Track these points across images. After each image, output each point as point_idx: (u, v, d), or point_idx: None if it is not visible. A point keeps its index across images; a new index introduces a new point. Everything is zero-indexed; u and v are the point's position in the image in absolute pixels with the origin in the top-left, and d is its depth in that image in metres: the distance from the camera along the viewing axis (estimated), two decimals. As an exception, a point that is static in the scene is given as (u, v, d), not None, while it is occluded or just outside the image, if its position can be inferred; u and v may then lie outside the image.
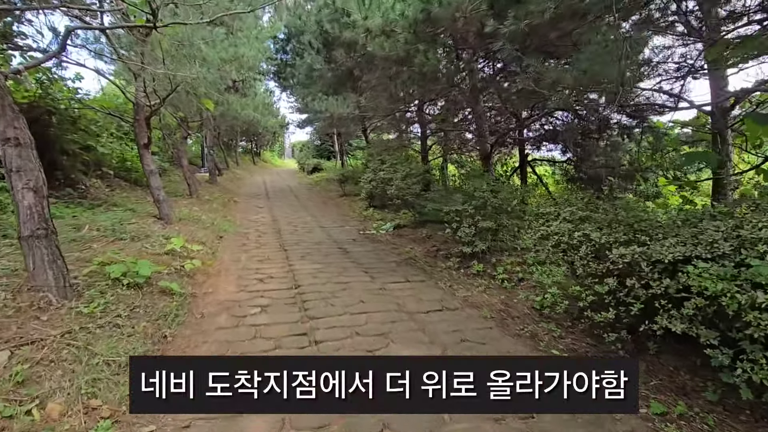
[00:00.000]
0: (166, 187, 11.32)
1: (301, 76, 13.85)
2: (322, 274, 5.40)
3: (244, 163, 27.25)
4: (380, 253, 6.71)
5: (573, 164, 9.31)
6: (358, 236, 8.13)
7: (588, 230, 3.08)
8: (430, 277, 5.39)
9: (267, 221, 9.66)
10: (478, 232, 5.47)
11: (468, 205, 5.59)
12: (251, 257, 6.27)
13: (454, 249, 6.03)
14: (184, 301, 3.94)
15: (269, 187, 17.61)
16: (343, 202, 12.99)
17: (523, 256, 5.41)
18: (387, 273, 5.56)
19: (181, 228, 6.78)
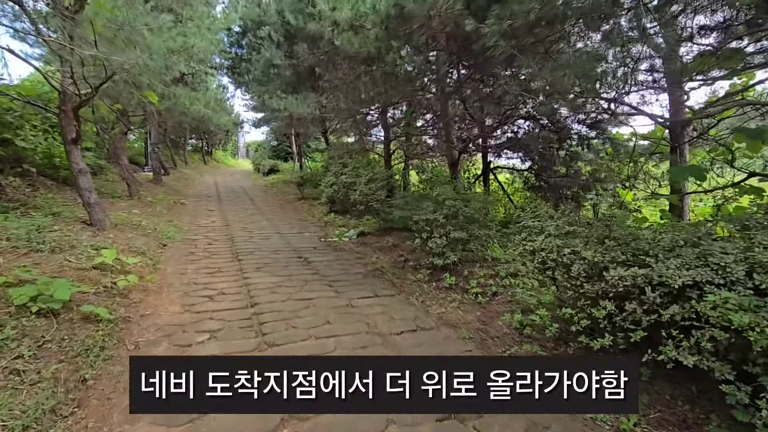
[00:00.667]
0: (101, 187, 10.19)
1: (257, 72, 13.10)
2: (282, 289, 4.87)
3: (193, 162, 25.59)
4: (344, 264, 6.27)
5: (534, 173, 9.40)
6: (319, 244, 7.62)
7: (578, 247, 2.86)
8: (399, 290, 5.03)
9: (219, 226, 8.88)
10: (449, 242, 5.19)
11: (439, 214, 5.30)
12: (200, 269, 5.60)
13: (423, 260, 5.72)
14: (114, 329, 3.28)
15: (221, 189, 16.53)
16: (302, 206, 12.38)
17: (495, 267, 5.21)
18: (353, 286, 5.13)
19: (116, 236, 5.94)
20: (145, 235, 6.66)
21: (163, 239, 6.93)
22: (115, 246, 5.34)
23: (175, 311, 4.03)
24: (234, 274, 5.44)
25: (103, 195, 9.43)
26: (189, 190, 15.09)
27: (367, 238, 7.81)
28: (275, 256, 6.57)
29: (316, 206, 11.80)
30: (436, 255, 5.21)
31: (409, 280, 5.35)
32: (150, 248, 6.06)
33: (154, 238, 6.79)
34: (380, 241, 7.45)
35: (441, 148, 8.74)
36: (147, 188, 12.13)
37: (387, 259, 6.42)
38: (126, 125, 9.58)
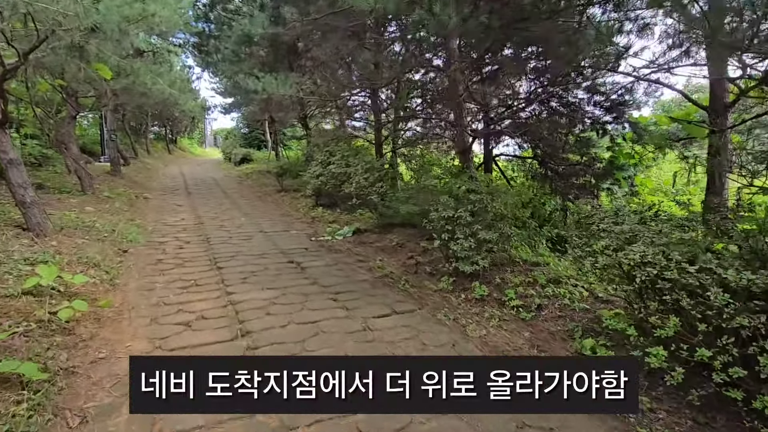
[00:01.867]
0: (48, 181, 8.74)
1: (228, 50, 11.77)
2: (278, 308, 3.92)
3: (156, 151, 23.63)
4: (345, 269, 5.35)
5: (539, 160, 8.73)
6: (310, 244, 6.65)
7: (708, 262, 2.09)
8: (421, 304, 4.18)
9: (190, 225, 7.72)
10: (477, 244, 4.38)
11: (464, 210, 4.47)
12: (171, 282, 4.54)
13: (442, 264, 4.90)
14: (47, 394, 2.26)
15: (189, 180, 15.07)
16: (283, 198, 11.27)
17: (530, 273, 4.45)
18: (363, 300, 4.24)
19: (61, 243, 4.76)
20: (100, 240, 5.48)
21: (123, 243, 5.77)
22: (59, 258, 4.21)
23: (140, 349, 3.02)
24: (214, 288, 4.42)
25: (49, 190, 8.07)
26: (152, 183, 13.60)
27: (365, 236, 6.90)
28: (262, 261, 5.56)
29: (299, 199, 10.74)
30: (462, 259, 4.38)
31: (429, 290, 4.51)
32: (106, 257, 4.92)
33: (112, 242, 5.62)
34: (381, 239, 6.55)
35: (451, 134, 7.84)
36: (104, 181, 10.66)
37: (395, 263, 5.55)
38: (74, 107, 8.17)
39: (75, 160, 8.16)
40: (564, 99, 7.62)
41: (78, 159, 8.28)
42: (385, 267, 5.33)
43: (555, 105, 7.91)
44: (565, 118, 8.00)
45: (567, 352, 3.15)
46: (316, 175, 9.04)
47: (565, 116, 7.81)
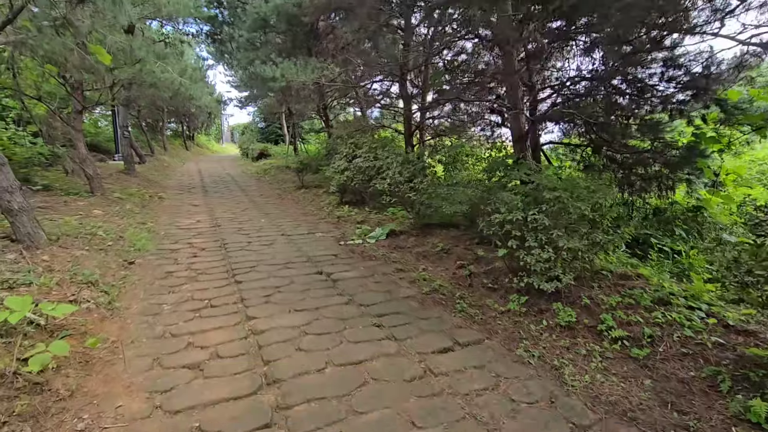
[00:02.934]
0: (55, 182, 8.17)
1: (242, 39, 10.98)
2: (311, 340, 3.11)
3: (174, 148, 23.26)
4: (383, 281, 4.51)
5: (593, 148, 7.67)
6: (339, 249, 5.84)
7: None
8: (488, 331, 3.30)
9: (206, 228, 7.00)
10: (557, 255, 3.47)
11: (537, 211, 3.55)
12: (180, 303, 3.79)
13: (504, 278, 4.01)
14: None
15: (207, 178, 14.49)
16: (304, 196, 10.49)
17: (626, 289, 3.51)
18: (414, 325, 3.39)
19: (54, 257, 4.06)
20: (103, 250, 4.78)
21: (129, 253, 5.07)
22: (47, 278, 3.49)
23: (134, 411, 2.25)
24: (232, 311, 3.64)
25: (56, 192, 7.47)
26: (168, 181, 13.04)
27: (401, 239, 6.03)
28: (286, 272, 4.78)
29: (321, 196, 9.94)
30: (537, 274, 3.48)
31: (494, 312, 3.63)
32: (107, 272, 4.20)
33: (117, 252, 4.92)
34: (421, 243, 5.68)
35: (503, 118, 6.86)
36: (116, 180, 10.10)
37: (442, 274, 4.68)
38: (80, 101, 7.51)
39: (83, 159, 7.53)
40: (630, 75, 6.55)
41: (84, 158, 7.66)
42: (430, 279, 4.47)
43: (617, 82, 6.85)
44: (627, 98, 6.95)
45: (721, 416, 2.24)
46: (340, 170, 8.21)
47: (629, 96, 6.76)
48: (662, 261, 4.87)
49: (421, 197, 5.84)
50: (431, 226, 6.14)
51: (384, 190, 6.45)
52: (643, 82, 6.47)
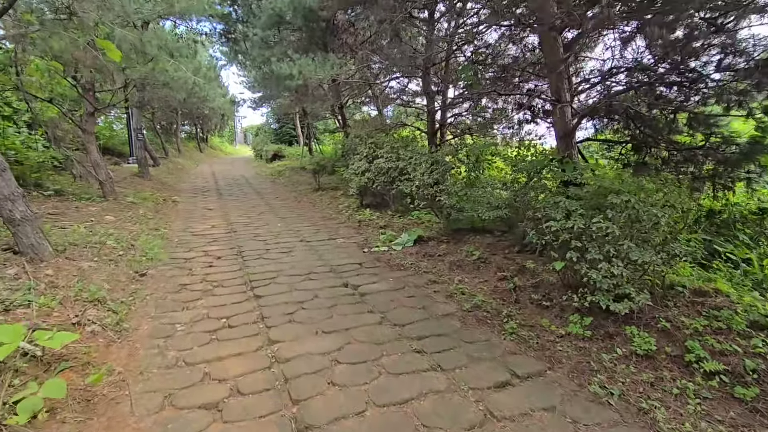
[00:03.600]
0: (68, 187, 7.93)
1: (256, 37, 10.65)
2: (344, 371, 2.68)
3: (188, 150, 23.19)
4: (417, 295, 4.06)
5: (634, 145, 7.10)
6: (363, 257, 5.41)
7: None
8: (550, 361, 2.83)
9: (221, 234, 6.65)
10: (628, 268, 2.97)
11: (601, 218, 3.06)
12: (195, 323, 3.40)
13: (558, 294, 3.52)
14: None
15: (221, 180, 14.24)
16: (321, 198, 10.11)
17: (702, 307, 3.00)
18: (461, 351, 2.94)
19: (59, 270, 3.72)
20: (113, 261, 4.43)
21: (141, 263, 4.72)
22: (49, 296, 3.14)
23: (140, 470, 1.85)
24: (252, 332, 3.24)
25: (68, 197, 7.21)
26: (182, 184, 12.81)
27: (430, 245, 5.57)
28: (309, 284, 4.36)
29: (339, 198, 9.55)
30: (603, 292, 2.98)
31: (552, 335, 3.14)
32: (117, 286, 3.85)
33: (128, 263, 4.58)
34: (453, 251, 5.21)
35: (546, 112, 6.33)
36: (130, 184, 9.87)
37: (480, 285, 4.20)
38: (92, 103, 7.24)
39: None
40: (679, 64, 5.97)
41: (97, 162, 7.39)
42: (471, 293, 4.00)
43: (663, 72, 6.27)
44: (674, 90, 6.37)
45: None
46: (360, 171, 7.79)
47: (678, 87, 6.18)
48: (731, 271, 4.31)
49: (451, 200, 5.37)
50: (462, 232, 5.67)
51: (411, 192, 5.99)
52: (695, 71, 5.89)
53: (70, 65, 4.99)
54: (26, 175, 7.61)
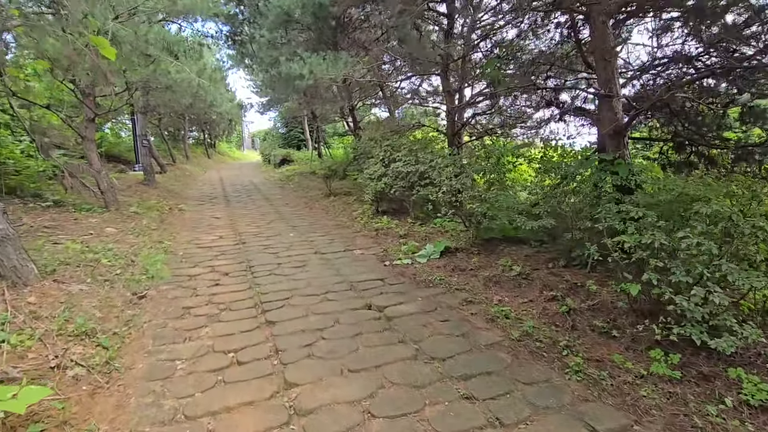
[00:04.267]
0: (69, 197, 7.52)
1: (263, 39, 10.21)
2: (380, 427, 2.15)
3: (195, 156, 22.91)
4: (453, 319, 3.51)
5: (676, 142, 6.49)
6: (385, 271, 4.88)
7: None
8: (635, 412, 2.26)
9: (229, 246, 6.17)
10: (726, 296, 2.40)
11: (688, 232, 2.49)
12: (198, 359, 2.90)
13: (622, 318, 2.96)
14: None
15: (229, 186, 13.83)
16: (333, 204, 9.61)
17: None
18: (519, 396, 2.40)
19: (44, 297, 3.25)
20: (108, 282, 3.96)
21: (140, 283, 4.24)
22: (26, 332, 2.66)
23: None
24: (265, 372, 2.72)
25: (67, 208, 6.80)
26: (189, 191, 12.41)
27: (458, 257, 5.03)
28: (328, 306, 3.85)
29: (352, 204, 9.04)
30: (694, 323, 2.42)
31: (629, 374, 2.57)
32: (109, 314, 3.36)
33: (125, 284, 4.10)
34: (487, 263, 4.65)
35: (591, 108, 5.76)
36: (134, 192, 9.47)
37: (525, 307, 3.64)
38: (92, 108, 6.84)
39: (95, 171, 6.85)
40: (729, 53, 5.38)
41: (98, 170, 6.98)
42: (516, 317, 3.45)
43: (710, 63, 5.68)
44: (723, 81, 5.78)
45: None
46: (377, 176, 7.27)
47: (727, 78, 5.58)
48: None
49: (483, 207, 4.81)
50: (493, 242, 5.13)
51: (436, 199, 5.46)
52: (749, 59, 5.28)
53: (59, 65, 4.56)
54: (25, 185, 7.23)
